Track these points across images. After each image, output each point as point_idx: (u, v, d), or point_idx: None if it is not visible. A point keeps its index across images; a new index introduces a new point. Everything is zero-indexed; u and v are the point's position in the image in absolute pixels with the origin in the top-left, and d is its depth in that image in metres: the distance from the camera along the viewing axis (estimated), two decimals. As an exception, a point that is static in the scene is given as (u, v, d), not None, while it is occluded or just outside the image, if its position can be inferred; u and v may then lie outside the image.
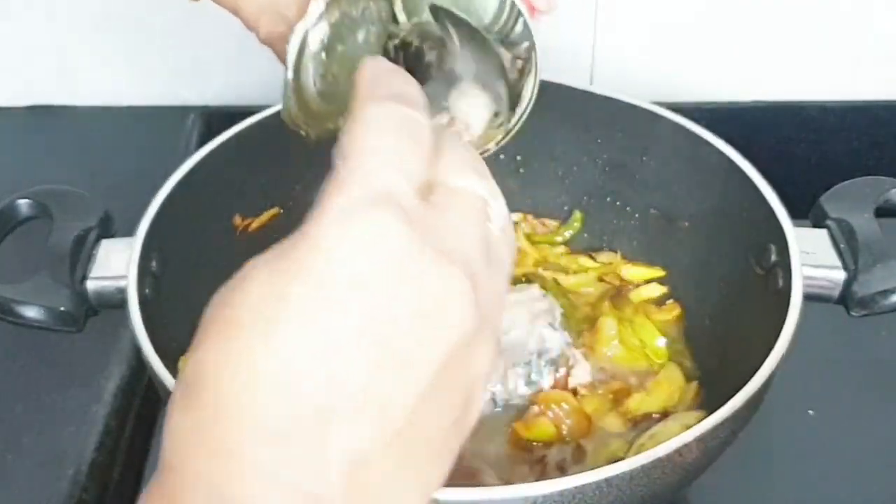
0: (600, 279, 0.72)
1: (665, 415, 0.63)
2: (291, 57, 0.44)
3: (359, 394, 0.31)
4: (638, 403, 0.63)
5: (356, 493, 0.31)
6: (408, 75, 0.38)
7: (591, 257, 0.74)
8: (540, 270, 0.72)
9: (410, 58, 0.51)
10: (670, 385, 0.65)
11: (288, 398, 0.31)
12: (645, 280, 0.72)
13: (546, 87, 0.74)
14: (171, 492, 0.31)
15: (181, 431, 0.32)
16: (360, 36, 0.46)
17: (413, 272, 0.32)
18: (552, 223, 0.76)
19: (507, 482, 0.58)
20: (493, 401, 0.62)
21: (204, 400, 0.31)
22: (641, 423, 0.63)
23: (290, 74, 0.44)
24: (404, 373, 0.31)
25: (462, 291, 0.32)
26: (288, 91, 0.44)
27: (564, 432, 0.62)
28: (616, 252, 0.74)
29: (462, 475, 0.59)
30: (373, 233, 0.32)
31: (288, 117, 0.46)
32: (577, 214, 0.76)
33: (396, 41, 0.50)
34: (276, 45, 0.54)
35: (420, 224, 0.33)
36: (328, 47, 0.44)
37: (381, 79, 0.37)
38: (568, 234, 0.75)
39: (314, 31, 0.43)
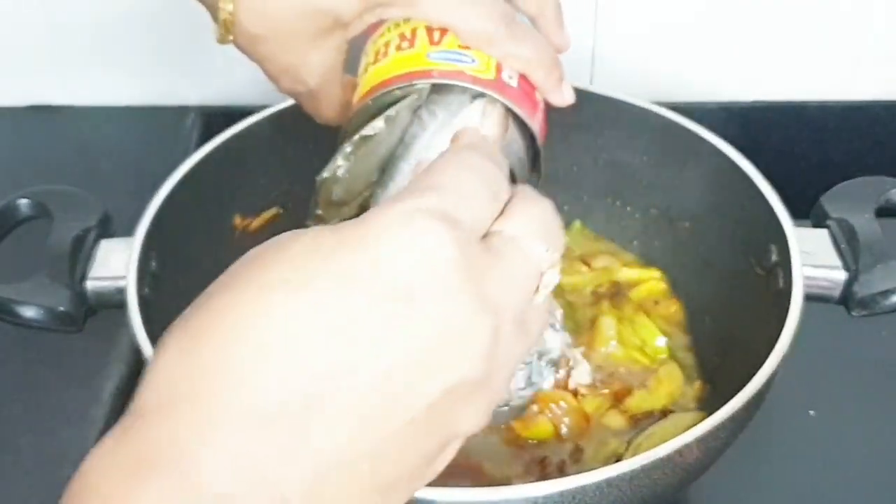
0: (594, 291, 0.72)
1: (666, 413, 0.63)
2: (316, 195, 0.50)
3: (352, 395, 0.30)
4: (639, 402, 0.63)
5: (315, 496, 0.30)
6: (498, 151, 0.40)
7: (587, 263, 0.74)
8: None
9: None
10: (671, 382, 0.65)
11: (286, 378, 0.29)
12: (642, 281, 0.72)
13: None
14: (136, 451, 0.29)
15: (169, 376, 0.30)
16: (383, 148, 0.50)
17: (447, 298, 0.31)
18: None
19: (507, 482, 0.58)
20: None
21: (205, 352, 0.30)
22: (642, 422, 0.62)
23: (319, 210, 0.50)
24: (401, 393, 0.30)
25: (482, 341, 0.32)
26: (312, 215, 0.50)
27: (563, 431, 0.62)
28: (613, 255, 0.74)
29: (464, 470, 0.59)
30: (427, 244, 0.31)
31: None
32: (577, 224, 0.76)
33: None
34: (294, 97, 0.59)
35: (470, 259, 0.32)
36: (352, 169, 0.49)
37: (477, 141, 0.39)
38: (567, 240, 0.75)
39: (342, 167, 0.49)
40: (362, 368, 0.30)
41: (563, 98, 0.57)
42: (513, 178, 0.55)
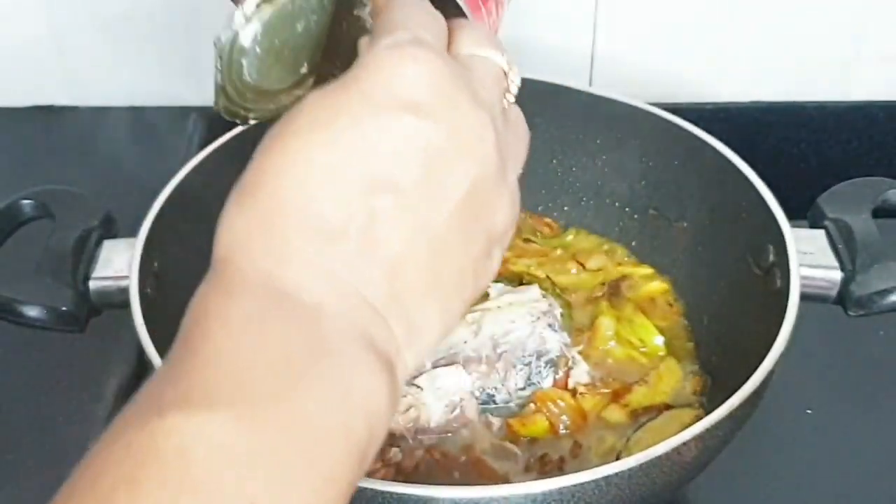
0: (593, 291, 0.72)
1: (666, 408, 0.63)
2: (218, 61, 0.44)
3: (402, 200, 0.34)
4: (640, 397, 0.64)
5: (393, 296, 0.34)
6: None
7: (582, 264, 0.74)
8: (532, 269, 0.72)
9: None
10: (671, 377, 0.65)
11: (340, 198, 0.33)
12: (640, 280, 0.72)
13: (546, 88, 0.74)
14: (227, 282, 0.33)
15: (238, 228, 0.34)
16: (300, 26, 0.45)
17: (450, 104, 0.35)
18: (552, 224, 0.76)
19: (507, 479, 0.59)
20: (494, 401, 0.63)
21: (261, 199, 0.34)
22: (642, 417, 0.63)
23: (218, 78, 0.45)
24: (439, 188, 0.35)
25: (488, 133, 0.36)
26: (217, 89, 0.45)
27: (560, 429, 0.62)
28: (611, 255, 0.74)
29: (464, 467, 0.59)
30: (419, 62, 0.35)
31: (223, 111, 0.47)
32: (572, 231, 0.76)
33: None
34: None
35: (454, 69, 0.36)
36: (263, 42, 0.44)
37: None
38: (567, 240, 0.76)
39: (245, 30, 0.44)
40: (400, 177, 0.34)
41: None
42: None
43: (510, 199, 0.38)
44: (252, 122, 0.48)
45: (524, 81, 0.63)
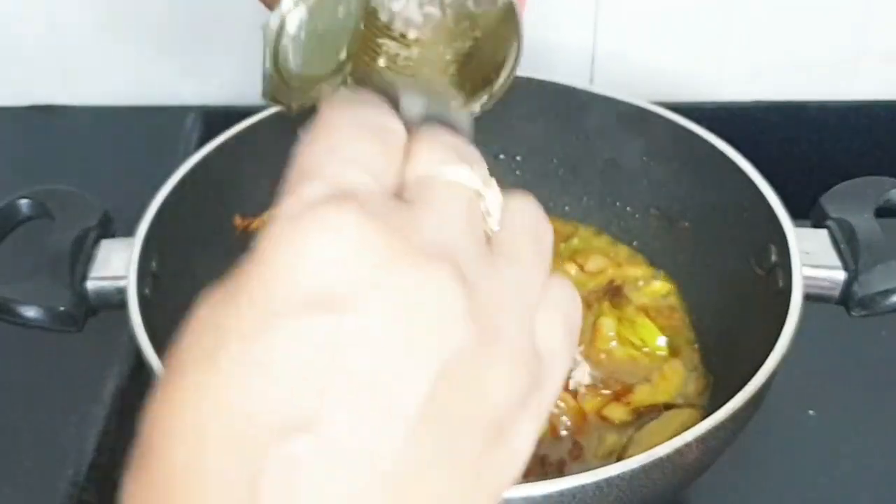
0: (595, 292, 0.72)
1: (667, 408, 0.63)
2: (266, 48, 0.44)
3: (328, 437, 0.24)
4: (642, 396, 0.63)
5: None
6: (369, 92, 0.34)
7: (581, 265, 0.74)
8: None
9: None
10: (674, 376, 0.65)
11: (240, 457, 0.24)
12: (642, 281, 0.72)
13: (546, 87, 0.74)
14: None
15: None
16: (341, 11, 0.44)
17: (384, 277, 0.25)
18: (557, 229, 0.76)
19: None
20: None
21: (153, 470, 0.26)
22: (644, 416, 0.62)
23: (265, 64, 0.44)
24: (382, 405, 0.25)
25: (449, 298, 0.26)
26: (265, 76, 0.45)
27: (561, 430, 0.62)
28: (611, 256, 0.74)
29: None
30: (330, 231, 0.26)
31: (269, 98, 0.47)
32: (575, 241, 0.76)
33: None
34: None
35: (391, 219, 0.27)
36: (307, 27, 0.43)
37: (341, 93, 0.34)
38: (573, 242, 0.75)
39: (291, 15, 0.44)
40: (318, 407, 0.25)
41: None
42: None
43: (511, 362, 0.27)
44: (295, 109, 0.48)
45: (525, 81, 0.63)
